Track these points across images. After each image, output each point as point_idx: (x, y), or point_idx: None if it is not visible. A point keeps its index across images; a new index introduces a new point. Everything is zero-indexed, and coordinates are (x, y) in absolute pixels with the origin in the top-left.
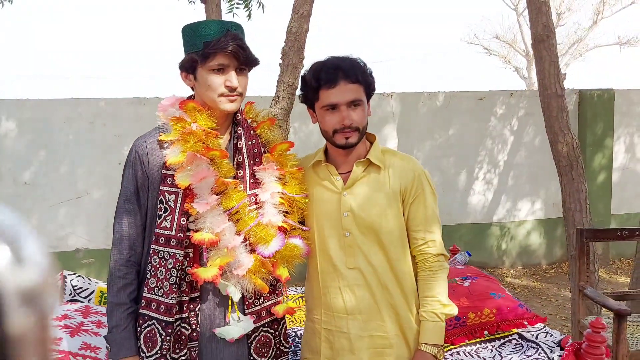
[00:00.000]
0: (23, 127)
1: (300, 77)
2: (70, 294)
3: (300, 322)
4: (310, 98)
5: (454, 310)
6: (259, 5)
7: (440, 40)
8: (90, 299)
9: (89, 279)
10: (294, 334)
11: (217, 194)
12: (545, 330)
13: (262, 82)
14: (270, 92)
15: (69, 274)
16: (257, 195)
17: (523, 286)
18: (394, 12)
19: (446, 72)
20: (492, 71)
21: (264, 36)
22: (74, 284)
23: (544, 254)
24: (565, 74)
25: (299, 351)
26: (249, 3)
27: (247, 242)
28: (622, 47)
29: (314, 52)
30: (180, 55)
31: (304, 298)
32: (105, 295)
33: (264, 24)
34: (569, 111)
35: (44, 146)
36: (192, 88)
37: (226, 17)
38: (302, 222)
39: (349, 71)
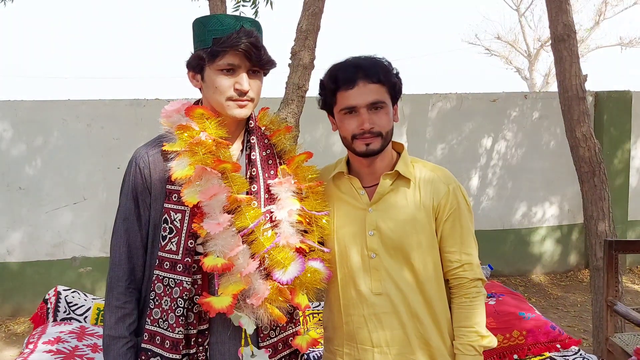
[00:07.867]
0: (18, 130)
1: (318, 82)
2: (64, 312)
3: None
4: (328, 102)
5: (492, 341)
6: (267, 2)
7: (439, 40)
8: (86, 317)
9: (85, 295)
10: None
11: (228, 212)
12: (580, 354)
13: (267, 84)
14: (276, 93)
15: (64, 290)
16: (272, 212)
17: (538, 295)
18: (391, 12)
19: (444, 72)
20: (494, 72)
21: (268, 35)
22: (68, 300)
23: (559, 262)
24: (587, 75)
25: None
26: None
27: (262, 266)
28: (623, 48)
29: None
30: (184, 54)
31: (319, 314)
32: (102, 313)
33: (268, 22)
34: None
35: (39, 149)
36: (200, 90)
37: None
38: (321, 243)
39: (369, 70)
